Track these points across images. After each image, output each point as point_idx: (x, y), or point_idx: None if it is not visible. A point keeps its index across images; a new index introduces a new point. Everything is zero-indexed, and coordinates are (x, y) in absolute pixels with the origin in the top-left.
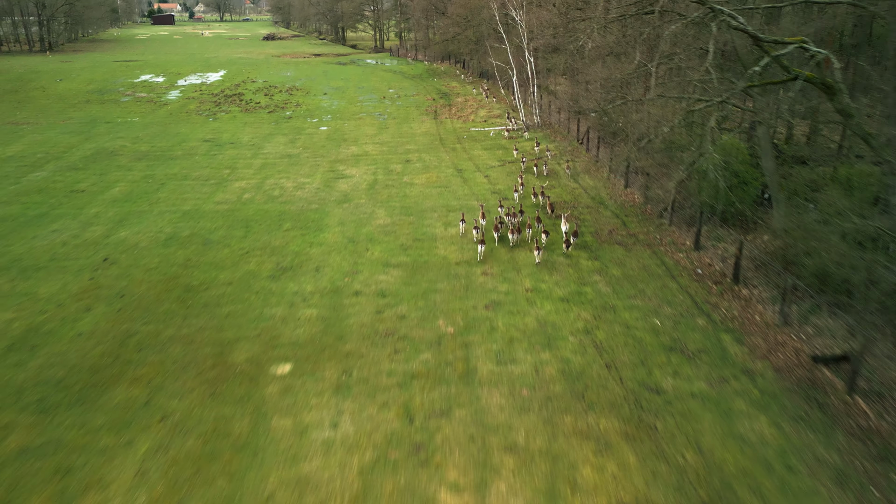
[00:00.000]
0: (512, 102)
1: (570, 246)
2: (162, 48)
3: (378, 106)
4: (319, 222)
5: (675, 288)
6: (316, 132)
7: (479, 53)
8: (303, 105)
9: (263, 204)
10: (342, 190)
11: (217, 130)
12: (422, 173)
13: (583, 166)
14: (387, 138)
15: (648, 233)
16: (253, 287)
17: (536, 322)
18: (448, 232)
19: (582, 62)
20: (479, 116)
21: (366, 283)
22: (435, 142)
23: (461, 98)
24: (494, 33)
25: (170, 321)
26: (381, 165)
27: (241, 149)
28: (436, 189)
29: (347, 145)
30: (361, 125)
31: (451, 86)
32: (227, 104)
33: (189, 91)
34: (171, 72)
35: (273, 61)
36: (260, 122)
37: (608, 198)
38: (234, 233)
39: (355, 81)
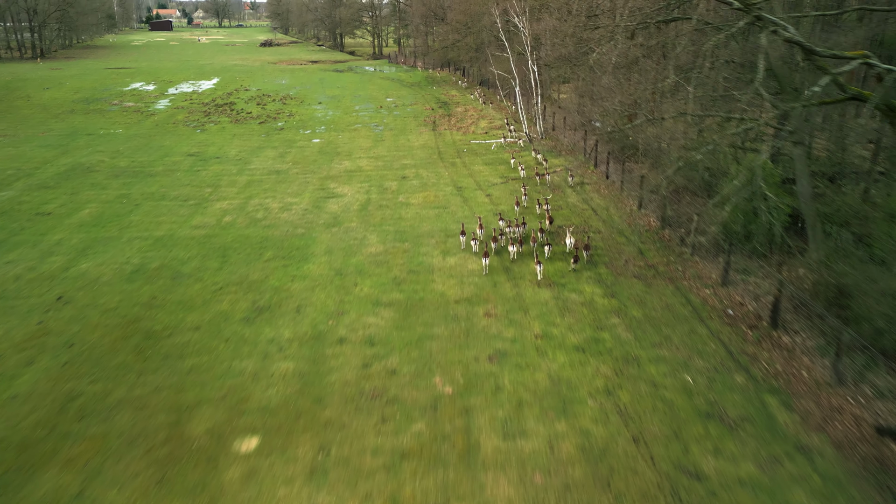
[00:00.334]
0: (514, 113)
1: (578, 261)
2: (156, 55)
3: (374, 116)
4: (304, 250)
5: (705, 334)
6: (308, 145)
7: (479, 61)
8: (296, 115)
9: (244, 228)
10: (332, 211)
11: (203, 143)
12: (419, 192)
13: (592, 184)
14: (382, 152)
15: (669, 263)
16: (223, 332)
17: (549, 379)
18: (446, 262)
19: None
20: (480, 128)
21: (352, 326)
22: (433, 156)
23: (461, 108)
24: (496, 41)
25: (122, 378)
26: (375, 183)
27: (226, 164)
28: (433, 210)
29: (340, 160)
30: (356, 137)
31: (451, 94)
32: (217, 114)
33: (179, 100)
34: (163, 80)
35: (268, 68)
36: (249, 134)
37: (621, 220)
38: (209, 264)
39: (352, 90)
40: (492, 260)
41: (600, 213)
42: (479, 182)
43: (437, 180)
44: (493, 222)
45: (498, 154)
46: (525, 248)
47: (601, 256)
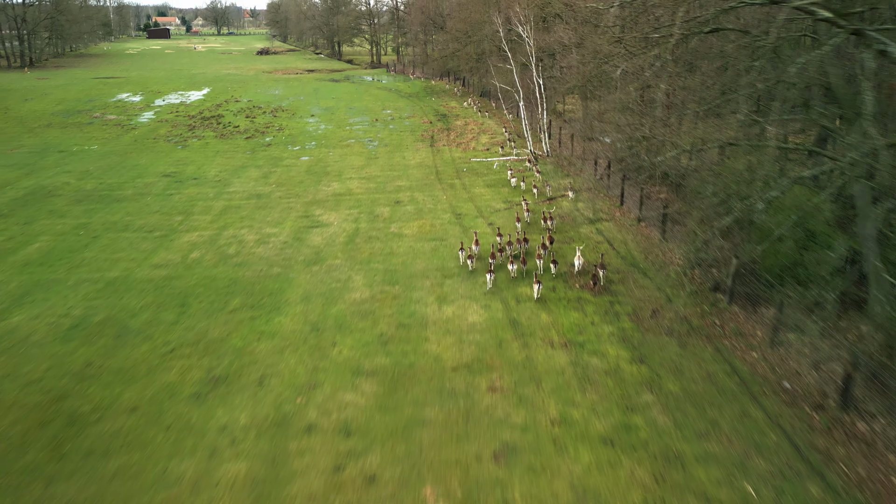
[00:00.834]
0: (518, 128)
1: (598, 282)
2: (150, 63)
3: (369, 130)
4: (278, 297)
5: (760, 418)
6: (295, 164)
7: (480, 71)
8: (285, 129)
9: (212, 267)
10: (314, 245)
11: (182, 161)
12: (413, 220)
13: (605, 210)
14: (375, 171)
15: (704, 315)
16: (165, 416)
17: (571, 490)
18: (443, 312)
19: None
20: (481, 143)
21: (325, 407)
22: (430, 176)
23: (461, 121)
24: (498, 51)
25: (24, 490)
26: (365, 209)
27: (203, 186)
28: (429, 243)
29: (329, 181)
30: (348, 154)
31: (450, 106)
32: (203, 128)
33: (164, 112)
34: (151, 90)
35: (262, 78)
36: (234, 151)
37: (642, 257)
38: (164, 316)
39: (347, 101)
40: (494, 308)
41: (617, 245)
42: (480, 207)
43: (433, 205)
44: (492, 239)
45: (500, 174)
46: (531, 265)
47: (623, 305)
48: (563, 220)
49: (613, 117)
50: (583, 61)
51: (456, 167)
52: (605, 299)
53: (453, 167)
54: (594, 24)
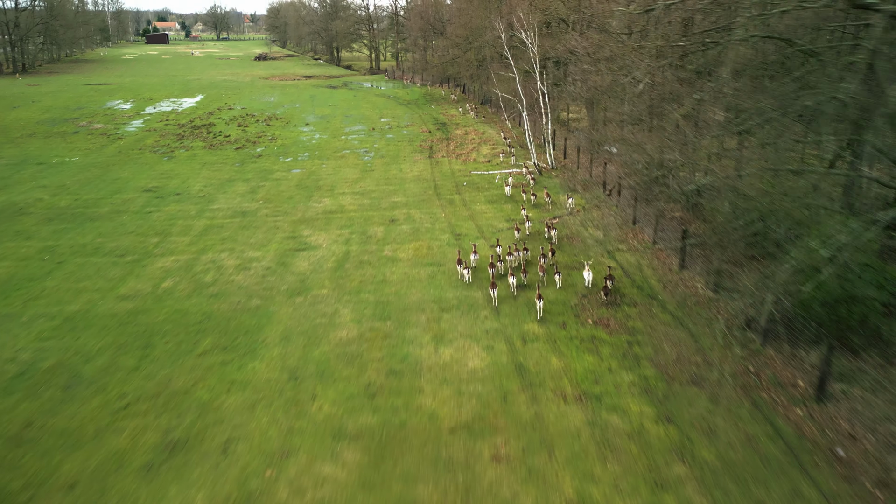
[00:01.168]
0: (520, 138)
1: (609, 293)
2: (145, 69)
3: (365, 140)
4: (254, 336)
5: (815, 500)
6: (285, 177)
7: (481, 78)
8: (278, 139)
9: (185, 299)
10: (300, 272)
11: (166, 175)
12: (409, 241)
13: (615, 230)
14: (370, 186)
15: (735, 360)
16: (108, 496)
17: None
18: (440, 355)
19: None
20: (482, 155)
21: (299, 483)
22: (428, 190)
23: (461, 130)
24: (499, 57)
25: None
26: (357, 228)
27: (185, 202)
28: (426, 269)
29: (320, 196)
30: (342, 167)
31: (450, 114)
32: (192, 138)
33: (154, 121)
34: (143, 97)
35: (258, 84)
36: (222, 163)
37: (660, 287)
38: (123, 361)
39: (344, 108)
40: (497, 349)
41: (632, 272)
42: (481, 227)
43: (431, 224)
44: (492, 251)
45: (502, 188)
46: (532, 277)
47: (643, 346)
48: (572, 242)
49: (626, 132)
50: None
51: (455, 181)
52: (622, 339)
53: (453, 181)
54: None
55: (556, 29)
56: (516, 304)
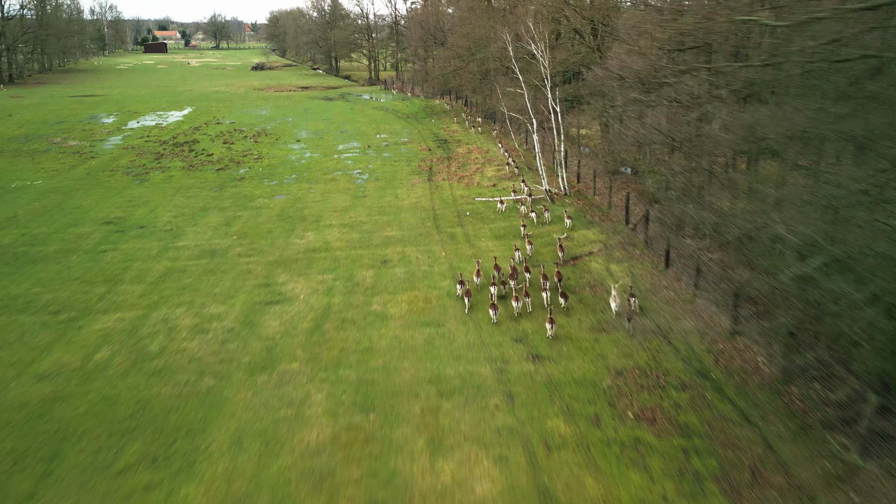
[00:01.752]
0: (528, 157)
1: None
2: (137, 80)
3: (359, 160)
4: (197, 440)
5: None
6: (267, 205)
7: (484, 91)
8: (265, 158)
9: (119, 379)
10: (268, 334)
11: (134, 202)
12: (403, 290)
13: (645, 276)
14: (361, 215)
15: (827, 478)
16: None
17: None
18: (437, 475)
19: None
20: (486, 177)
21: None
22: (426, 222)
23: (463, 147)
24: (504, 70)
25: None
26: (343, 272)
27: (148, 238)
28: (422, 331)
29: (304, 229)
30: (332, 192)
31: (451, 129)
32: (172, 157)
33: (134, 137)
34: (128, 110)
35: (252, 96)
36: (199, 187)
37: (711, 360)
38: (16, 484)
39: (339, 122)
40: (513, 460)
41: (674, 338)
42: (488, 269)
43: (429, 266)
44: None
45: (509, 218)
46: (535, 298)
47: (704, 457)
48: (595, 292)
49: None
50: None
51: (457, 209)
52: (674, 443)
53: (454, 209)
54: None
55: (565, 40)
56: (534, 384)
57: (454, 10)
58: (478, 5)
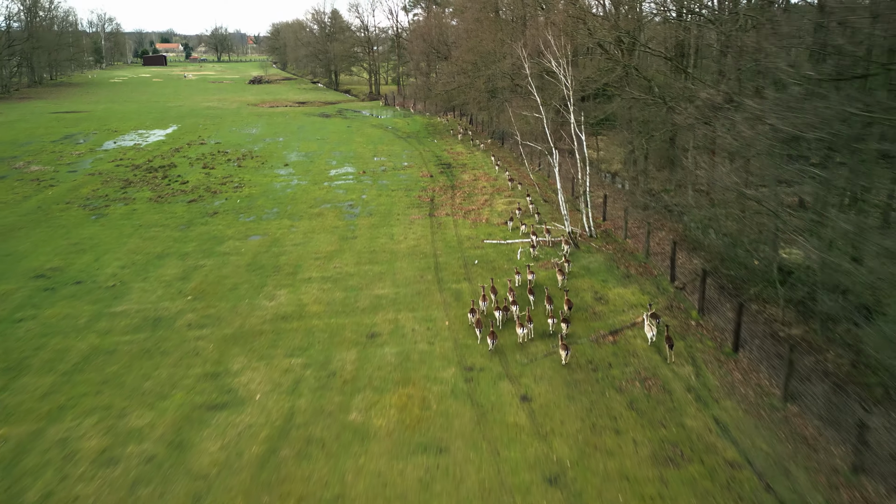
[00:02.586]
0: (542, 188)
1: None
2: (128, 95)
3: (352, 189)
4: None
5: None
6: (237, 249)
7: (492, 110)
8: (246, 187)
9: None
10: (200, 469)
11: (80, 246)
12: (393, 387)
13: (703, 353)
14: (348, 264)
15: None
16: None
17: None
18: None
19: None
20: (496, 211)
21: None
22: (426, 273)
23: (468, 174)
24: (515, 88)
25: None
26: (317, 354)
27: (82, 299)
28: (416, 462)
29: (276, 285)
30: (316, 231)
31: (456, 151)
32: (141, 185)
33: (106, 160)
34: (108, 128)
35: (245, 112)
36: (163, 225)
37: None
38: None
39: (334, 143)
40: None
41: (766, 469)
42: (504, 346)
43: (429, 344)
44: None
45: (525, 267)
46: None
47: None
48: (649, 389)
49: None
50: None
51: (463, 254)
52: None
53: (459, 254)
54: None
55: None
56: None
57: (459, 21)
58: (484, 17)
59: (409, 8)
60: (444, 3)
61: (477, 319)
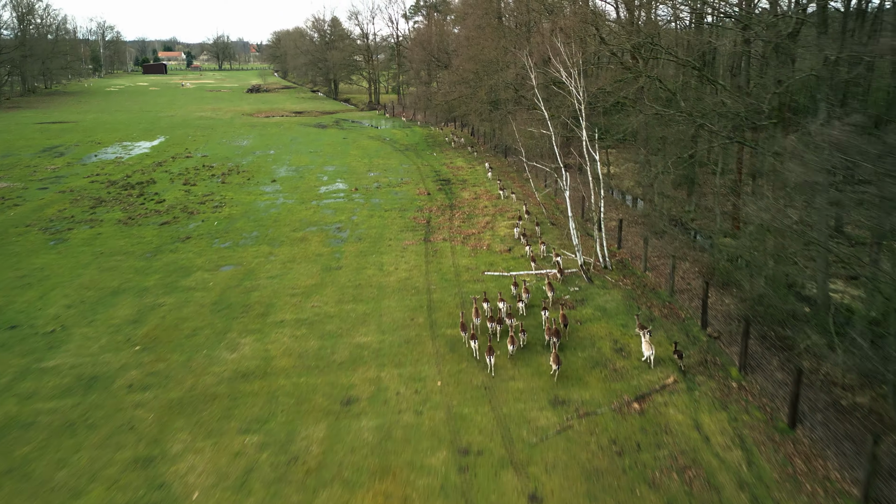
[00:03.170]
0: (549, 208)
1: None
2: (122, 104)
3: (342, 209)
4: None
5: None
6: (204, 283)
7: (494, 121)
8: (227, 206)
9: None
10: None
11: (27, 279)
12: (368, 480)
13: (762, 442)
14: (329, 303)
15: None
16: None
17: None
18: None
19: None
20: (498, 236)
21: None
22: (418, 315)
23: (468, 191)
24: (518, 100)
25: None
26: (278, 429)
27: (11, 350)
28: None
29: (242, 330)
30: (297, 261)
31: (456, 166)
32: (113, 204)
33: (82, 175)
34: (93, 140)
35: (238, 122)
36: (127, 252)
37: None
38: None
39: (327, 156)
40: None
41: None
42: (510, 414)
43: (416, 415)
44: None
45: (536, 302)
46: None
47: None
48: (691, 484)
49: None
50: None
51: (461, 288)
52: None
53: (456, 289)
54: None
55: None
56: None
57: (461, 29)
58: (487, 24)
59: (409, 15)
60: (445, 11)
61: (472, 335)
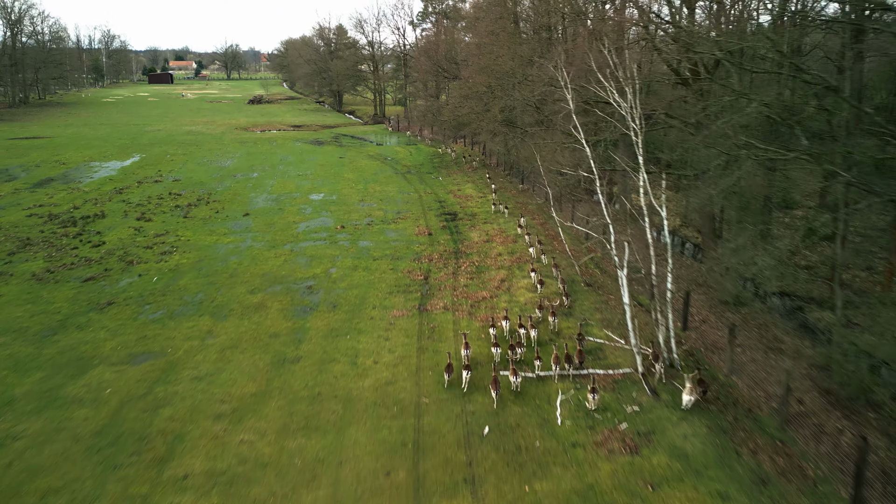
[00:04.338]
0: (581, 261)
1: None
2: (110, 116)
3: (320, 256)
4: None
5: None
6: (100, 391)
7: (509, 143)
8: (179, 251)
9: None
10: None
11: None
12: None
13: None
14: (265, 436)
15: None
16: None
17: None
18: None
19: None
20: (517, 301)
21: None
22: (398, 460)
23: (478, 231)
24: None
25: None
26: None
27: None
28: None
29: (120, 496)
30: (241, 346)
31: (465, 194)
32: (39, 247)
33: (23, 206)
34: (58, 160)
35: (228, 138)
36: (17, 330)
37: None
38: None
39: (316, 180)
40: None
41: None
42: None
43: None
44: None
45: (572, 447)
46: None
47: None
48: None
49: None
50: None
51: (465, 407)
52: None
53: (460, 405)
54: None
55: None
56: None
57: (472, 36)
58: (501, 29)
59: (416, 23)
60: (455, 17)
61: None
